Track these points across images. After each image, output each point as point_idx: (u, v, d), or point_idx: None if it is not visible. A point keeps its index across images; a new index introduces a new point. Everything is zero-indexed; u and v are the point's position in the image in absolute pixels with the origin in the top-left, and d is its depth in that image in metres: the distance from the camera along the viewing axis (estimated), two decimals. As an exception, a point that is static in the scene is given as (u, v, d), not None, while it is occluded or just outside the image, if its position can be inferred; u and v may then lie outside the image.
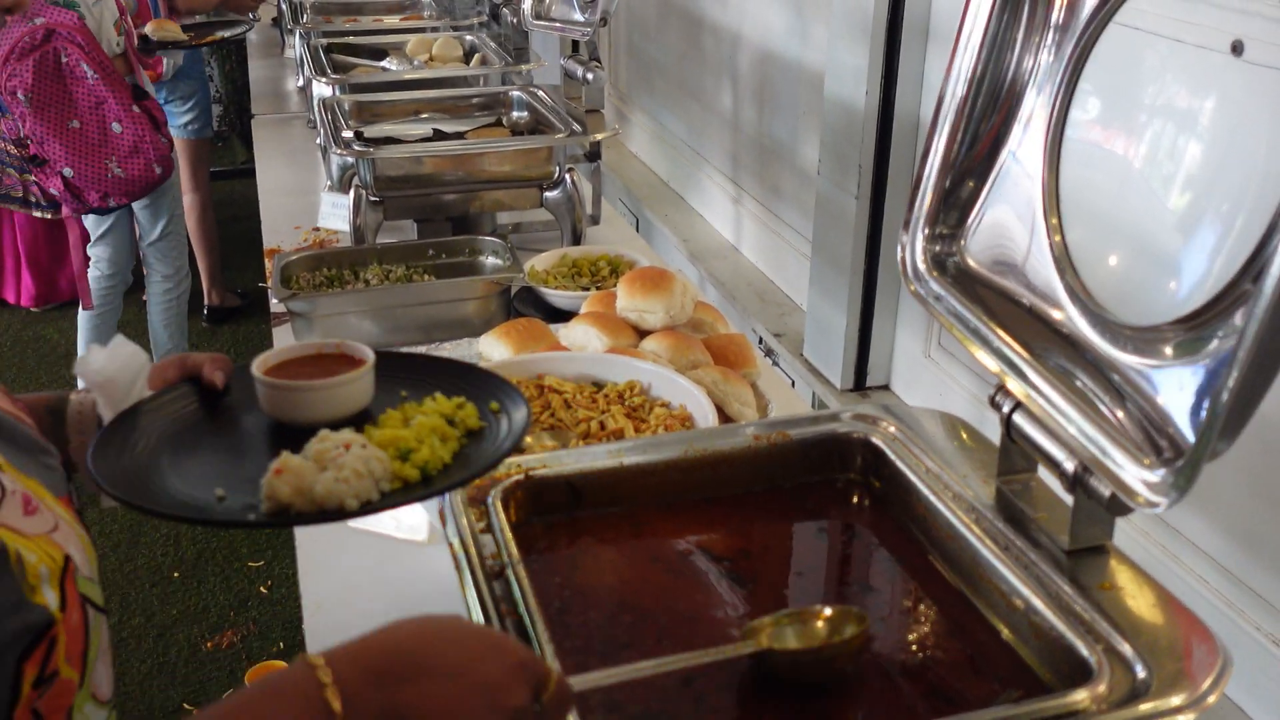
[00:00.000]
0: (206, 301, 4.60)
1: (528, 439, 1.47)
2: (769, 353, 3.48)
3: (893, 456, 1.10)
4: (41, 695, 0.78)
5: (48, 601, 0.78)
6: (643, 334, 1.81)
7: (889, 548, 1.05)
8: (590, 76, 2.27)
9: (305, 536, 1.54)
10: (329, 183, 2.66)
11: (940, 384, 2.94)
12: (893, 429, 1.13)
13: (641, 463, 1.11)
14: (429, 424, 1.09)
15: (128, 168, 3.35)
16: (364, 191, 2.13)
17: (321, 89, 2.70)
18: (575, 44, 2.38)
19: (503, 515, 1.01)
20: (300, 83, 3.40)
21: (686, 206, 4.45)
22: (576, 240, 2.25)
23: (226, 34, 3.89)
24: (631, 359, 1.58)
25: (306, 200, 2.65)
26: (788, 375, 3.29)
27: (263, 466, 1.02)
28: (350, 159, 2.14)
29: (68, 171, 3.34)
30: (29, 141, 3.32)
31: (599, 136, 2.19)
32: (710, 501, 1.12)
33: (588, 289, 2.09)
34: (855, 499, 1.12)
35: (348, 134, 2.15)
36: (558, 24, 2.30)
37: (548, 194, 2.23)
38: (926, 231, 1.11)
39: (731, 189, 4.06)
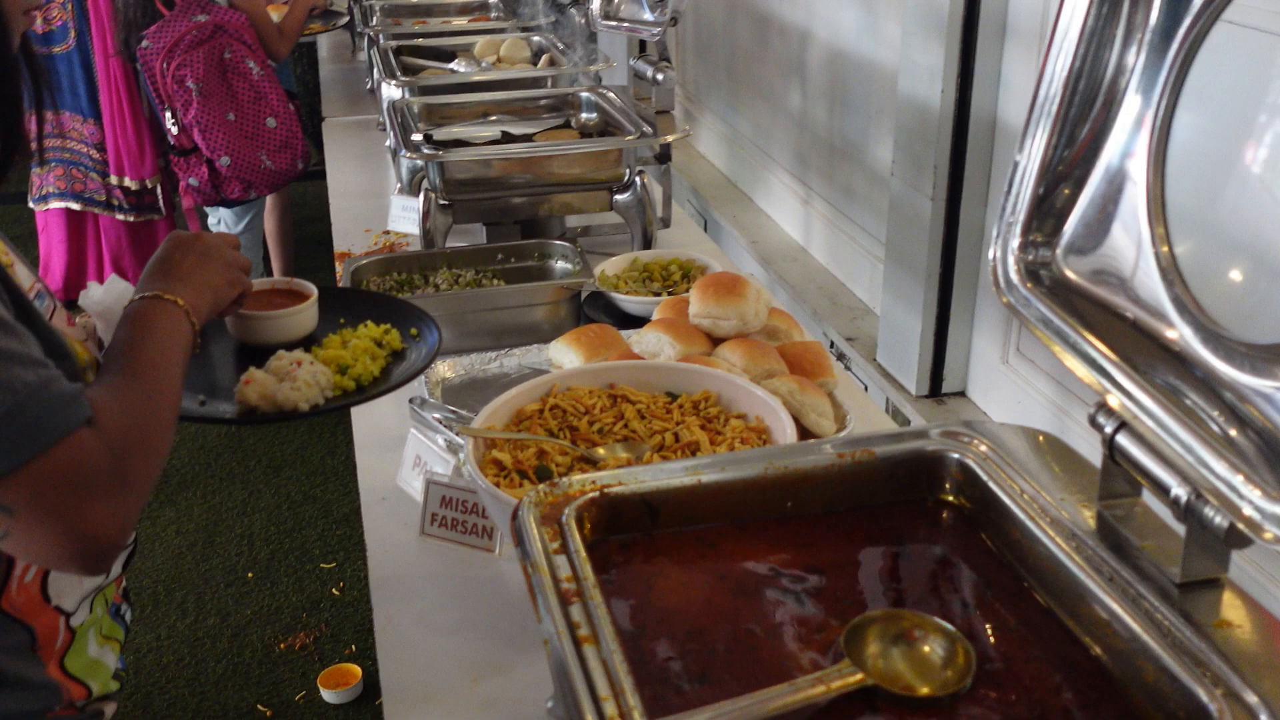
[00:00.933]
0: None
1: (600, 450, 1.44)
2: (840, 357, 3.42)
3: (985, 477, 1.04)
4: None
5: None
6: (716, 341, 1.78)
7: (981, 575, 1.00)
8: (660, 77, 2.24)
9: (377, 546, 1.52)
10: (399, 185, 2.66)
11: (1019, 391, 2.86)
12: (984, 448, 1.08)
13: (720, 480, 1.07)
14: (361, 345, 1.43)
15: (277, 161, 3.59)
16: (433, 195, 2.12)
17: (391, 91, 2.70)
18: (643, 44, 2.35)
19: (577, 535, 0.98)
20: (370, 85, 3.41)
21: (754, 207, 4.40)
22: (647, 244, 2.21)
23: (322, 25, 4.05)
24: (706, 368, 1.54)
25: (377, 203, 2.65)
26: (860, 380, 3.23)
27: (234, 380, 1.34)
28: (420, 162, 2.14)
29: (225, 160, 3.50)
30: (192, 128, 3.49)
31: (670, 138, 2.15)
32: (791, 521, 1.08)
33: (659, 294, 2.05)
34: (944, 522, 1.07)
35: (417, 137, 2.14)
36: (626, 24, 2.27)
37: (617, 197, 2.20)
38: (1019, 239, 1.06)
39: (800, 189, 4.00)
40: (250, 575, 3.24)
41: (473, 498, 1.49)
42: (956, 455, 1.08)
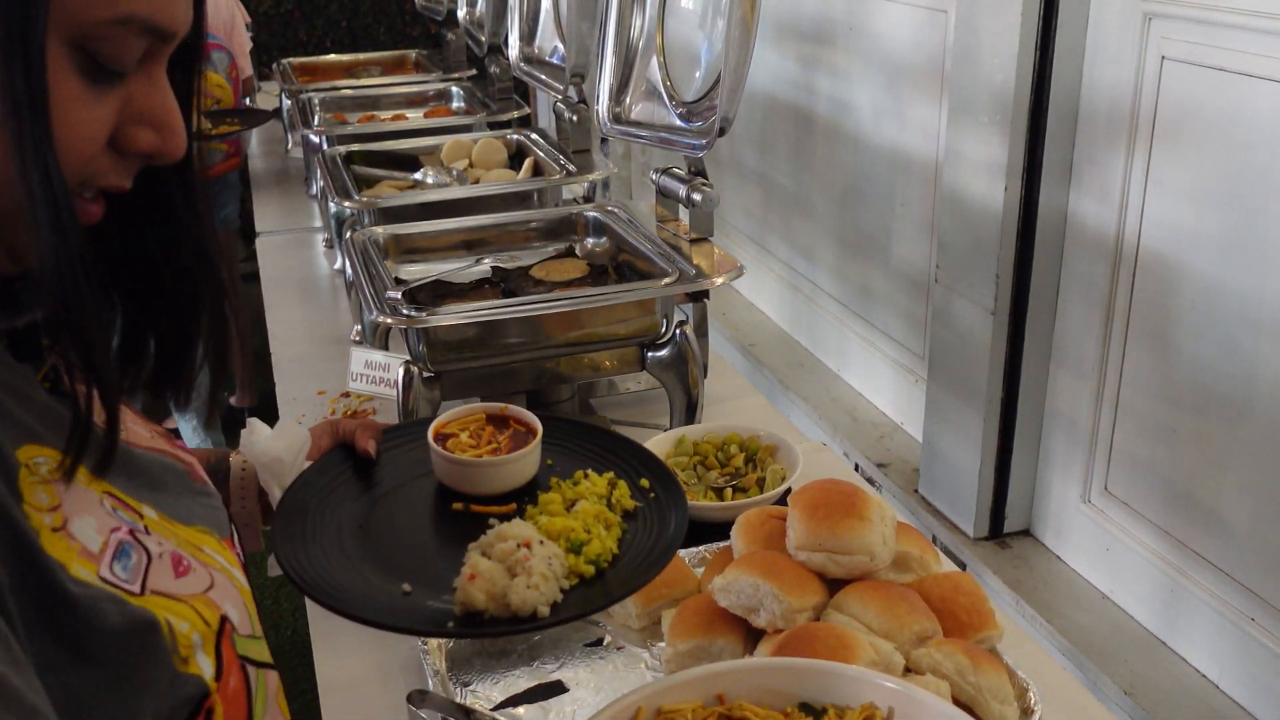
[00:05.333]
0: (236, 404, 4.28)
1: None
2: (870, 482, 2.94)
3: None
4: None
5: (201, 670, 0.71)
6: (831, 582, 1.29)
7: None
8: (697, 198, 1.76)
9: None
10: (356, 330, 2.15)
11: (1105, 536, 2.40)
12: None
13: None
14: (592, 510, 1.10)
15: None
16: (415, 368, 1.61)
17: (341, 210, 2.20)
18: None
19: None
20: (313, 192, 2.90)
21: (739, 298, 3.94)
22: (691, 413, 1.72)
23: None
24: (867, 674, 1.04)
25: (331, 351, 2.13)
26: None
27: (442, 558, 1.03)
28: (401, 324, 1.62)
29: None
30: None
31: (721, 280, 1.67)
32: None
33: (719, 489, 1.56)
34: None
35: (393, 294, 1.63)
36: (654, 136, 1.78)
37: (652, 354, 1.71)
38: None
39: (804, 284, 3.56)
40: None
41: None
42: None
